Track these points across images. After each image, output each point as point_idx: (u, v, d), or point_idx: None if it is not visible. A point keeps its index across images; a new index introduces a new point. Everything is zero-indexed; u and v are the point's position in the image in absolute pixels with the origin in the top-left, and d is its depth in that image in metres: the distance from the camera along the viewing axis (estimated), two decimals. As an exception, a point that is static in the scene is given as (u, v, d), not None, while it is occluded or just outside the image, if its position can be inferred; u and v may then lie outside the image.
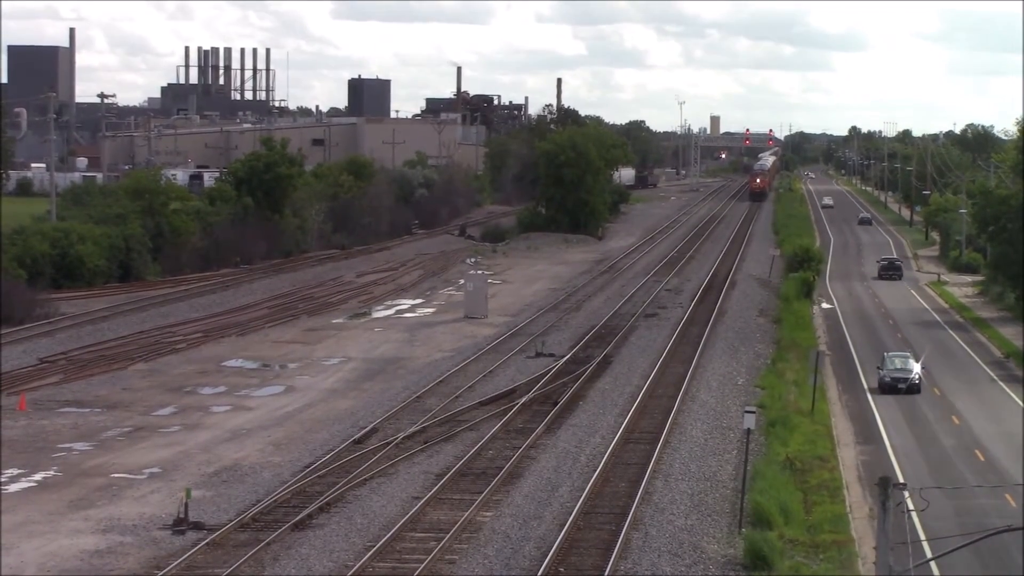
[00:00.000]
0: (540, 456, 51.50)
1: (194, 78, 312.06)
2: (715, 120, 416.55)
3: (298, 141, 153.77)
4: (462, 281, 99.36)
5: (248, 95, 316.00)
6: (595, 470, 48.69)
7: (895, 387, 67.68)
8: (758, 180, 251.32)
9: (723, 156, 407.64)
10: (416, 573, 37.54)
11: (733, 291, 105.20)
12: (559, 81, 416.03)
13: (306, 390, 65.84)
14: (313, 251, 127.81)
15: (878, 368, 70.09)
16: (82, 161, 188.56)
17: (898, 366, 69.08)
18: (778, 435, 55.13)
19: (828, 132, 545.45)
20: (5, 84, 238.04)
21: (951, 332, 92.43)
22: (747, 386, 67.26)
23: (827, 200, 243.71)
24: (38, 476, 48.58)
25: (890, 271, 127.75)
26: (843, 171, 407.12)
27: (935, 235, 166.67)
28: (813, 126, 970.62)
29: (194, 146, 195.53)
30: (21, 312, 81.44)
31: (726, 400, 63.21)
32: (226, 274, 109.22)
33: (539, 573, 37.83)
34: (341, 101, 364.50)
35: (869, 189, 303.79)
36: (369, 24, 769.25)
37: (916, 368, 69.07)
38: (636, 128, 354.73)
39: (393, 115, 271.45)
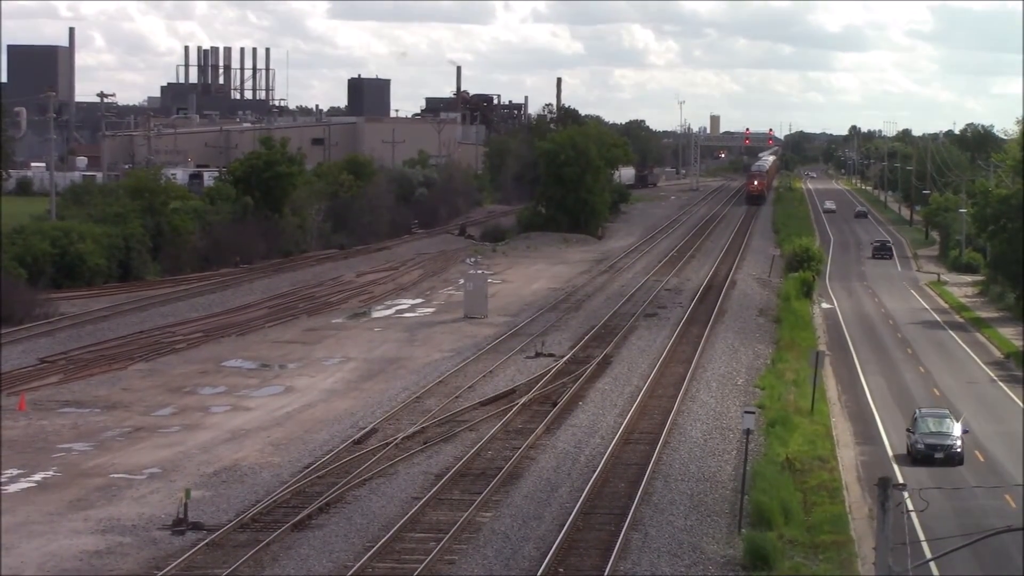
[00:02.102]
0: (540, 456, 51.51)
1: (194, 77, 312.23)
2: (715, 119, 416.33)
3: (298, 140, 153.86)
4: (462, 281, 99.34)
5: (248, 94, 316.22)
6: (595, 470, 48.70)
7: (930, 456, 53.43)
8: (756, 182, 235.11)
9: (723, 156, 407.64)
10: (415, 573, 37.54)
11: (733, 291, 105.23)
12: (559, 80, 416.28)
13: (305, 390, 65.82)
14: (313, 251, 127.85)
15: (908, 431, 55.82)
16: (82, 160, 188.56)
17: (932, 429, 54.60)
18: (778, 435, 55.13)
19: (828, 131, 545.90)
20: (5, 84, 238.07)
21: (951, 332, 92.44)
22: (747, 386, 67.26)
23: (829, 204, 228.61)
24: (38, 476, 48.58)
25: (882, 252, 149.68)
26: (843, 171, 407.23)
27: (935, 235, 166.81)
28: (813, 125, 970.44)
29: (194, 145, 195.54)
30: (21, 312, 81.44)
31: (726, 400, 63.21)
32: (226, 274, 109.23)
33: (539, 573, 37.83)
34: (341, 100, 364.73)
35: (869, 188, 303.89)
36: (367, 24, 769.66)
37: (956, 430, 54.53)
38: (636, 127, 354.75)
39: (393, 114, 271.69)
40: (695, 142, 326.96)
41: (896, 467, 53.23)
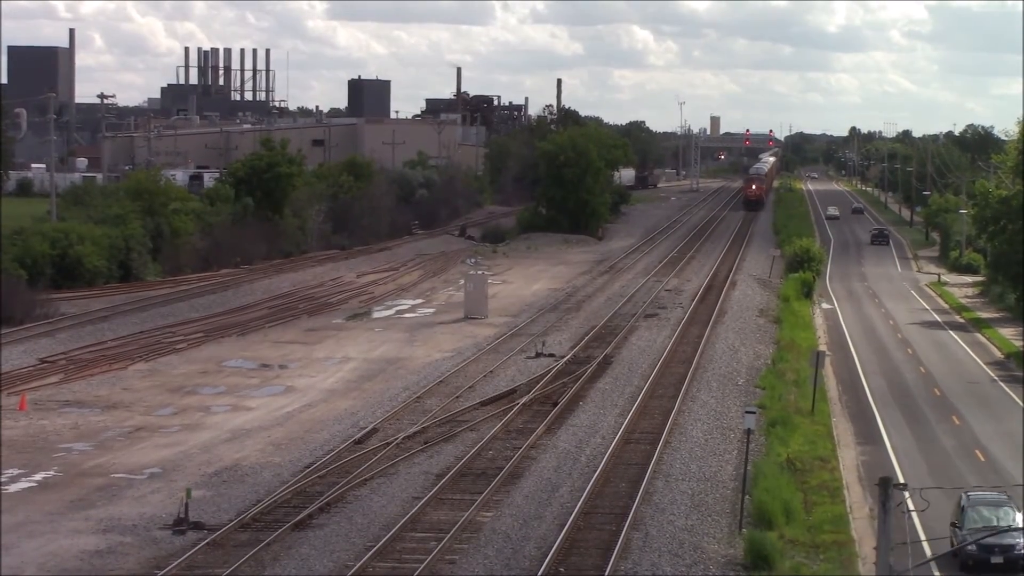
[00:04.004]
0: (540, 456, 51.49)
1: (194, 79, 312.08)
2: (715, 120, 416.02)
3: (298, 142, 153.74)
4: (462, 281, 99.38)
5: (248, 95, 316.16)
6: (595, 470, 48.69)
7: (985, 561, 39.40)
8: (754, 186, 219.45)
9: (722, 157, 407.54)
10: (416, 573, 37.54)
11: (733, 291, 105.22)
12: (559, 81, 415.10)
13: (306, 390, 65.82)
14: (313, 251, 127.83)
15: (953, 525, 41.13)
16: (82, 162, 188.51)
17: (989, 519, 40.28)
18: (778, 435, 55.13)
19: (828, 132, 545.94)
20: (5, 84, 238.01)
21: (951, 332, 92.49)
22: (747, 386, 67.25)
23: (832, 210, 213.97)
24: (38, 476, 48.58)
25: (880, 238, 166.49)
26: (843, 172, 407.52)
27: (935, 236, 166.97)
28: (813, 126, 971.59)
29: (194, 146, 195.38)
30: (21, 312, 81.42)
31: (726, 400, 63.21)
32: (226, 274, 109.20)
33: (539, 573, 37.83)
34: (341, 101, 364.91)
35: (869, 190, 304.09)
36: (366, 24, 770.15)
37: (1019, 520, 40.50)
38: (636, 128, 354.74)
39: (393, 116, 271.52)
40: (695, 143, 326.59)
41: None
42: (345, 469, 48.87)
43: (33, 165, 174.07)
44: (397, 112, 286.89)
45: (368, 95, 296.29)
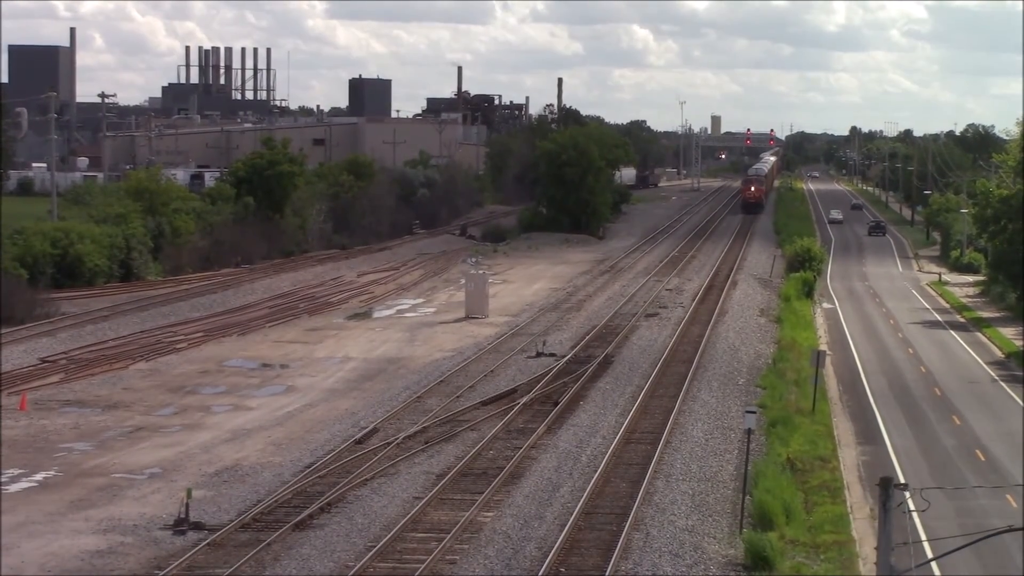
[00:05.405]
0: (541, 456, 51.46)
1: (195, 78, 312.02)
2: (716, 120, 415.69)
3: (299, 141, 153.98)
4: (463, 281, 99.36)
5: (249, 95, 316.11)
6: (596, 470, 48.66)
7: None
8: (752, 188, 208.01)
9: (723, 156, 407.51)
10: (417, 574, 37.52)
11: (734, 291, 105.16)
12: (560, 81, 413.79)
13: (307, 390, 65.81)
14: (314, 251, 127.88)
15: None
16: (83, 161, 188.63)
17: None
18: (779, 435, 55.10)
19: (829, 132, 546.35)
20: (6, 84, 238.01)
21: (952, 332, 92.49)
22: (748, 386, 67.23)
23: (835, 214, 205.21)
24: (39, 476, 48.57)
25: (876, 230, 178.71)
26: (844, 171, 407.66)
27: (936, 235, 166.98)
28: (814, 126, 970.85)
29: (195, 146, 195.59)
30: (22, 312, 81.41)
31: (727, 400, 63.17)
32: (227, 274, 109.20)
33: (540, 573, 37.80)
34: (341, 100, 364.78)
35: (870, 189, 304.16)
36: (366, 23, 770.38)
37: None
38: (637, 128, 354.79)
39: (394, 115, 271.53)
40: (696, 143, 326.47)
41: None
42: (346, 469, 48.85)
43: (34, 164, 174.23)
44: (398, 111, 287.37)
45: (369, 94, 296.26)
